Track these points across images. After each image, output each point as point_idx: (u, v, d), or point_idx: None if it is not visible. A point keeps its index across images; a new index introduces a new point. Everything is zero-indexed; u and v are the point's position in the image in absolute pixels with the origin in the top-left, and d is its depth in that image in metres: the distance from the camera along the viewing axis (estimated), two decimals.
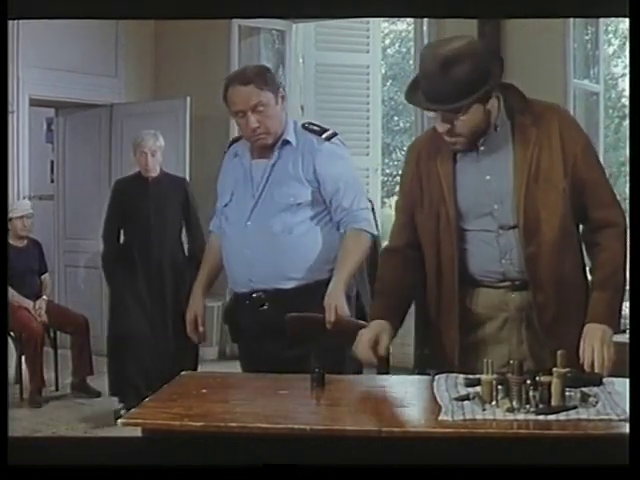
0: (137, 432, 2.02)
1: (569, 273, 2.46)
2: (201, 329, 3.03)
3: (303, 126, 2.99)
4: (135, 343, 5.01)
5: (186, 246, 5.26)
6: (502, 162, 2.44)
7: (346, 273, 2.83)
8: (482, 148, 2.45)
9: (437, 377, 2.31)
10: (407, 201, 2.60)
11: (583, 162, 2.41)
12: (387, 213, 7.91)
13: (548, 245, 2.42)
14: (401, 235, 2.62)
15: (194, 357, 5.00)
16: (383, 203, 8.98)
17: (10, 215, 5.43)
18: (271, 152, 2.93)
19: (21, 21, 5.03)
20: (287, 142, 2.93)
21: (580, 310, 2.41)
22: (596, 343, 2.32)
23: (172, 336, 4.95)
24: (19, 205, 5.66)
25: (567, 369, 2.07)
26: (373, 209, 3.16)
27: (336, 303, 2.74)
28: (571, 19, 5.24)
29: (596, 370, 2.29)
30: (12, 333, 5.37)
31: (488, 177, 2.45)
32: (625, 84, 9.70)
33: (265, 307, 2.90)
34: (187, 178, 5.85)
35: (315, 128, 2.98)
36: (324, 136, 2.95)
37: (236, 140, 3.08)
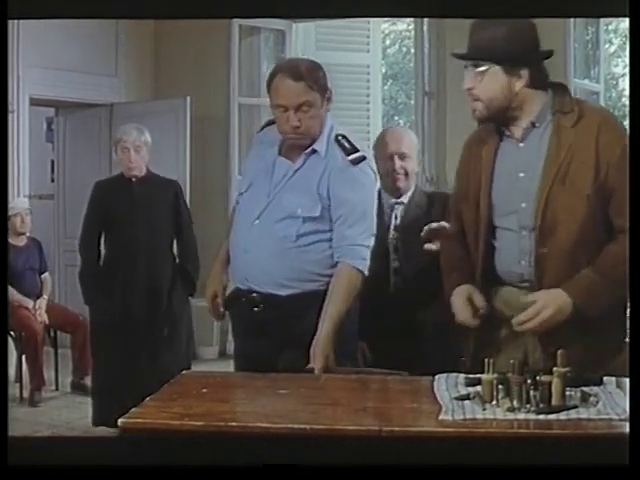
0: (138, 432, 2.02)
1: None
2: (221, 309, 2.95)
3: (336, 138, 2.84)
4: (120, 380, 4.30)
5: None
6: (536, 161, 2.44)
7: (336, 316, 2.67)
8: (521, 144, 2.47)
9: (437, 377, 2.31)
10: (459, 193, 2.66)
11: (616, 171, 2.36)
12: None
13: (560, 248, 2.41)
14: (453, 225, 2.73)
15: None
16: None
17: (10, 213, 5.43)
18: (297, 155, 2.81)
19: (21, 21, 5.03)
20: (315, 151, 2.80)
21: (587, 317, 2.39)
22: (550, 305, 2.35)
23: (162, 355, 4.38)
24: (17, 202, 5.66)
25: (567, 368, 2.07)
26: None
27: (322, 353, 2.62)
28: (571, 19, 5.24)
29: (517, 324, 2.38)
30: (12, 332, 5.37)
31: (522, 174, 2.46)
32: (625, 84, 9.70)
33: (258, 308, 2.83)
34: (187, 178, 5.79)
35: (346, 145, 2.82)
36: (351, 158, 2.78)
37: (271, 122, 2.90)
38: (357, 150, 2.81)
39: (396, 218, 3.24)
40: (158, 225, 4.46)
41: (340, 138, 2.83)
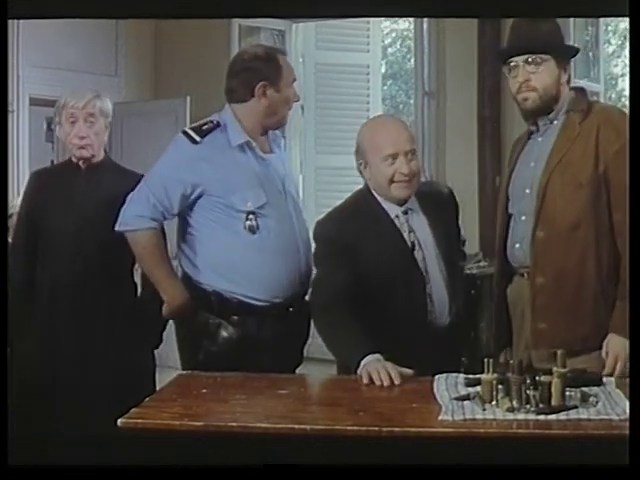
0: (138, 432, 2.02)
1: (574, 266, 2.52)
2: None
3: None
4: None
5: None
6: (544, 150, 2.59)
7: None
8: (540, 139, 2.63)
9: (437, 377, 2.31)
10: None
11: (614, 165, 2.48)
12: None
13: (557, 234, 2.52)
14: None
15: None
16: None
17: (11, 212, 5.41)
18: (269, 145, 2.90)
19: (21, 21, 5.03)
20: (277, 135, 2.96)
21: (577, 304, 2.50)
22: (620, 354, 2.42)
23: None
24: (17, 202, 5.64)
25: (567, 369, 2.07)
26: None
27: None
28: (571, 19, 5.23)
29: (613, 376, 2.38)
30: None
31: (533, 164, 2.61)
32: (625, 84, 9.70)
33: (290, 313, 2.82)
34: None
35: None
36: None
37: (213, 127, 2.84)
38: None
39: (412, 231, 2.66)
40: (117, 235, 2.85)
41: None
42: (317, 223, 2.71)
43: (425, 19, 5.84)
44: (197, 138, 2.79)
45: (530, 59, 2.55)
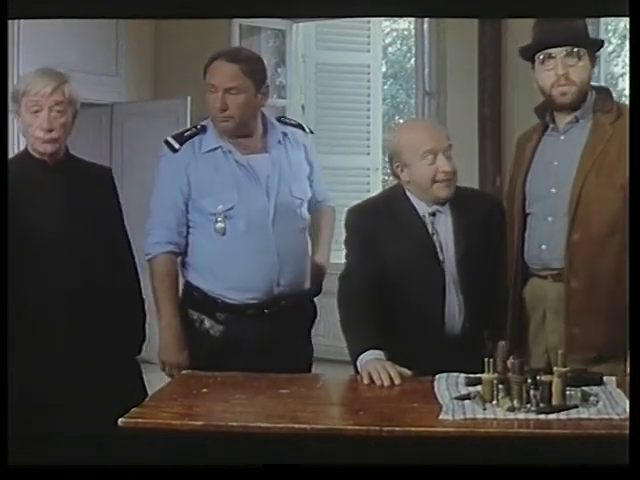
0: (138, 432, 2.02)
1: (610, 268, 2.48)
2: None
3: (279, 120, 2.95)
4: None
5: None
6: (572, 150, 2.53)
7: (330, 241, 3.03)
8: (562, 137, 2.57)
9: (437, 376, 2.31)
10: (509, 190, 2.71)
11: None
12: None
13: (593, 236, 2.47)
14: None
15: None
16: None
17: None
18: (261, 146, 2.85)
19: (21, 21, 5.03)
20: (286, 134, 2.90)
21: (612, 308, 2.44)
22: None
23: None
24: None
25: (568, 368, 2.07)
26: None
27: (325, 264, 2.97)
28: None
29: None
30: None
31: (556, 162, 2.56)
32: (624, 83, 9.69)
33: (283, 316, 2.81)
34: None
35: (293, 122, 2.98)
36: (308, 129, 3.00)
37: (195, 132, 2.87)
38: (301, 122, 3.03)
39: (436, 234, 2.63)
40: (89, 242, 2.61)
41: (283, 118, 2.99)
42: (348, 211, 2.73)
43: (425, 19, 5.84)
44: (176, 146, 2.83)
45: (572, 51, 2.49)
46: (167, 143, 2.85)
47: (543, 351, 2.56)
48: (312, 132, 3.05)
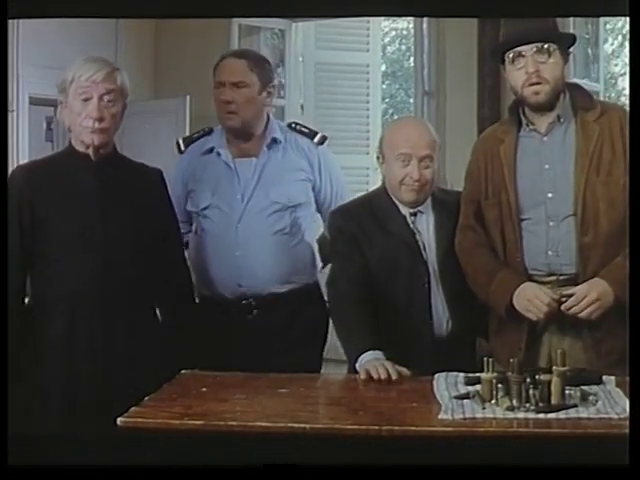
0: (138, 432, 2.02)
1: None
2: None
3: (290, 125, 2.97)
4: None
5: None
6: (562, 152, 2.48)
7: None
8: (545, 139, 2.50)
9: (437, 376, 2.32)
10: (474, 192, 2.62)
11: None
12: None
13: (604, 237, 2.43)
14: (468, 226, 2.61)
15: None
16: None
17: None
18: (255, 151, 2.88)
19: (21, 21, 5.03)
20: (275, 140, 2.89)
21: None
22: (592, 294, 2.37)
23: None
24: None
25: (567, 367, 2.07)
26: None
27: None
28: (571, 18, 5.23)
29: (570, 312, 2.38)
30: None
31: (547, 166, 2.49)
32: (624, 83, 9.70)
33: (253, 315, 2.84)
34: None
35: (305, 130, 2.96)
36: (317, 139, 2.95)
37: (202, 135, 2.99)
38: (317, 132, 2.97)
39: (418, 232, 2.64)
40: (133, 242, 2.47)
41: (294, 125, 2.97)
42: (330, 213, 2.75)
43: (425, 18, 5.84)
44: (182, 147, 2.98)
45: (542, 47, 2.43)
46: (177, 144, 2.97)
47: (547, 354, 2.51)
48: (322, 143, 2.97)
